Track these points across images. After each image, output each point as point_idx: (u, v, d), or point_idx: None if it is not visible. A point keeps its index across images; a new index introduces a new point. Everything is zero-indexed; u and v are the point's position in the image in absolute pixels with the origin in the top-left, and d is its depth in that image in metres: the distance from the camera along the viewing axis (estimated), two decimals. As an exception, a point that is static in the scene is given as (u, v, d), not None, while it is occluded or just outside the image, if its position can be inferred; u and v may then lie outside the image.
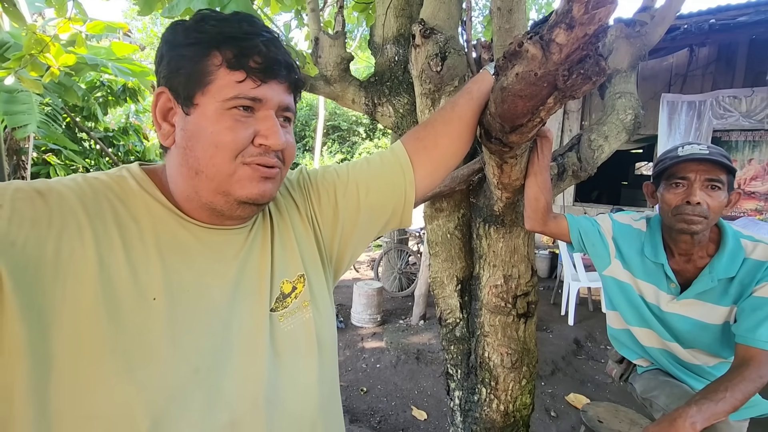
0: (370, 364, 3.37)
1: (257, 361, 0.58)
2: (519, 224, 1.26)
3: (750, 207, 4.72)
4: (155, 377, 0.49)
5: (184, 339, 0.52)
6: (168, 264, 0.54)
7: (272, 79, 0.56)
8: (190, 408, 0.51)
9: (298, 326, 0.64)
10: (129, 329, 0.49)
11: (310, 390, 0.63)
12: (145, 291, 0.51)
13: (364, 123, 13.13)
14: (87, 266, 0.48)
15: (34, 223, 0.46)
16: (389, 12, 1.44)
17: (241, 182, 0.55)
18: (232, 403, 0.55)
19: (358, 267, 6.56)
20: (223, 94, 0.53)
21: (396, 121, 1.48)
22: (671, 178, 1.13)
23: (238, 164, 0.55)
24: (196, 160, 0.54)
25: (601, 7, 0.52)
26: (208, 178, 0.55)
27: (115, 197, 0.54)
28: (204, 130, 0.53)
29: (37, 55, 2.57)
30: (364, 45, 6.41)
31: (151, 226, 0.54)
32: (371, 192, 0.75)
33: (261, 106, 0.55)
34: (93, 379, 0.46)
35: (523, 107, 0.72)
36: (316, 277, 0.70)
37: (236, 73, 0.53)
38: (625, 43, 1.44)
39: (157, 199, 0.56)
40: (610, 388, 2.97)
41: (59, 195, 0.50)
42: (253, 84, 0.54)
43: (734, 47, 4.79)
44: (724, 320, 1.15)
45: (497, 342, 1.34)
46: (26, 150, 4.46)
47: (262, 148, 0.56)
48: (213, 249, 0.59)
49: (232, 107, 0.53)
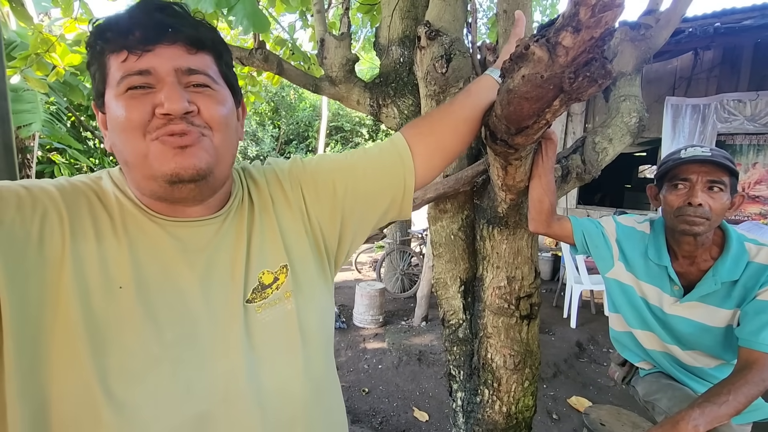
0: (372, 364, 3.37)
1: (229, 353, 0.57)
2: (523, 226, 1.26)
3: (754, 211, 4.70)
4: (118, 365, 0.50)
5: (147, 329, 0.53)
6: (136, 255, 0.55)
7: (156, 44, 0.53)
8: (154, 397, 0.51)
9: (277, 318, 0.62)
10: (95, 316, 0.50)
11: (290, 385, 0.61)
12: (112, 280, 0.53)
13: (367, 124, 13.14)
14: (63, 253, 0.51)
15: (19, 207, 0.49)
16: (395, 14, 1.45)
17: (158, 160, 0.53)
18: (200, 396, 0.54)
19: (360, 268, 6.55)
20: (114, 79, 0.54)
21: (400, 122, 1.48)
22: (673, 179, 1.14)
23: (149, 142, 0.53)
24: (120, 153, 0.56)
25: (607, 11, 0.52)
26: (135, 166, 0.55)
27: (94, 194, 0.57)
28: (112, 120, 0.55)
29: (43, 54, 2.59)
30: (368, 46, 6.41)
31: (121, 220, 0.56)
32: (369, 179, 0.74)
33: (155, 79, 0.53)
34: (61, 363, 0.48)
35: (528, 109, 0.72)
36: (303, 268, 0.67)
37: (119, 55, 0.53)
38: (630, 46, 1.44)
39: (128, 197, 0.58)
40: (613, 391, 2.96)
41: (41, 188, 0.53)
42: (135, 57, 0.52)
43: (739, 51, 4.78)
44: (726, 323, 1.15)
45: (500, 343, 1.34)
46: (31, 148, 4.49)
47: (165, 118, 0.53)
48: (180, 241, 0.58)
49: (127, 89, 0.53)
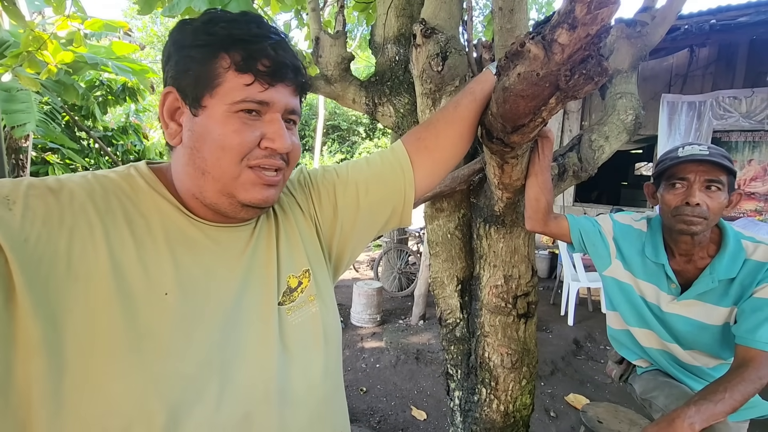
0: (370, 363, 3.37)
1: (267, 353, 0.59)
2: (519, 224, 1.26)
3: (750, 208, 4.73)
4: (170, 371, 0.50)
5: (197, 332, 0.53)
6: (178, 259, 0.55)
7: (279, 83, 0.56)
8: (204, 400, 0.52)
9: (305, 320, 0.65)
10: (143, 325, 0.50)
11: (317, 382, 0.64)
12: (157, 286, 0.52)
13: (364, 123, 13.12)
14: (99, 264, 0.49)
15: (46, 220, 0.47)
16: (390, 12, 1.44)
17: (245, 186, 0.56)
18: (245, 395, 0.55)
19: (357, 267, 6.56)
20: (231, 97, 0.53)
21: (396, 120, 1.48)
22: (671, 178, 1.13)
23: (244, 167, 0.56)
24: (203, 161, 0.55)
25: (603, 8, 0.52)
26: (214, 179, 0.56)
27: (125, 195, 0.55)
28: (212, 132, 0.54)
29: (35, 52, 2.57)
30: (364, 44, 6.39)
31: (160, 222, 0.55)
32: (371, 192, 0.75)
33: (268, 110, 0.56)
34: (108, 375, 0.47)
35: (525, 107, 0.72)
36: (321, 273, 0.71)
37: (244, 77, 0.53)
38: (626, 43, 1.44)
39: (165, 197, 0.57)
40: (610, 389, 2.97)
41: (70, 193, 0.50)
42: (260, 87, 0.54)
43: (734, 48, 4.79)
44: (724, 321, 1.15)
45: (497, 342, 1.34)
46: (25, 149, 4.45)
47: (267, 151, 0.56)
48: (221, 245, 0.59)
49: (240, 110, 0.54)
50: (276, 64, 0.55)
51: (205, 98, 0.54)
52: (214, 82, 0.53)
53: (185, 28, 0.55)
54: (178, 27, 0.56)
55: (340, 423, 0.70)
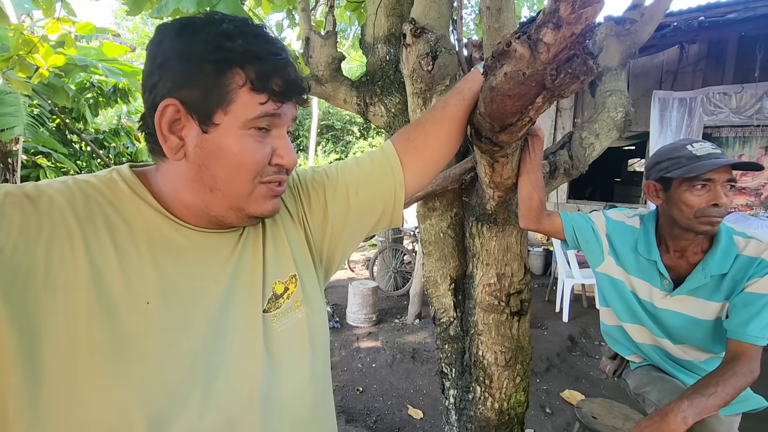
0: (366, 363, 3.37)
1: (252, 360, 0.58)
2: (512, 223, 1.26)
3: (741, 202, 4.77)
4: (152, 380, 0.49)
5: (180, 341, 0.52)
6: (161, 267, 0.53)
7: (289, 101, 0.57)
8: (187, 408, 0.51)
9: (291, 326, 0.64)
10: (124, 334, 0.49)
11: (303, 388, 0.64)
12: (138, 295, 0.51)
13: (357, 122, 13.12)
14: (78, 274, 0.47)
15: (23, 229, 0.46)
16: (380, 11, 1.44)
17: (256, 200, 0.58)
18: (228, 403, 0.55)
19: (353, 266, 6.54)
20: (245, 114, 0.53)
21: (388, 120, 1.47)
22: (694, 180, 1.09)
23: (257, 184, 0.57)
24: (213, 179, 0.54)
25: (587, 7, 0.52)
26: (225, 196, 0.56)
27: (106, 201, 0.53)
28: (226, 150, 0.53)
29: (26, 55, 2.54)
30: (357, 44, 6.39)
31: (144, 229, 0.54)
32: (360, 192, 0.75)
33: (276, 124, 0.57)
34: (88, 386, 0.46)
35: (512, 107, 0.72)
36: (309, 277, 0.70)
37: (259, 95, 0.53)
38: (615, 41, 1.44)
39: (148, 203, 0.56)
40: (605, 384, 2.99)
41: (49, 200, 0.49)
42: (274, 106, 0.55)
43: (724, 44, 4.84)
44: (716, 316, 1.16)
45: (491, 340, 1.34)
46: (15, 152, 4.40)
47: (277, 167, 0.58)
48: (206, 251, 0.59)
49: (252, 127, 0.54)
50: (288, 84, 0.55)
51: (218, 115, 0.52)
52: (227, 99, 0.52)
53: (190, 39, 0.51)
54: (181, 34, 0.52)
55: (328, 428, 0.70)
